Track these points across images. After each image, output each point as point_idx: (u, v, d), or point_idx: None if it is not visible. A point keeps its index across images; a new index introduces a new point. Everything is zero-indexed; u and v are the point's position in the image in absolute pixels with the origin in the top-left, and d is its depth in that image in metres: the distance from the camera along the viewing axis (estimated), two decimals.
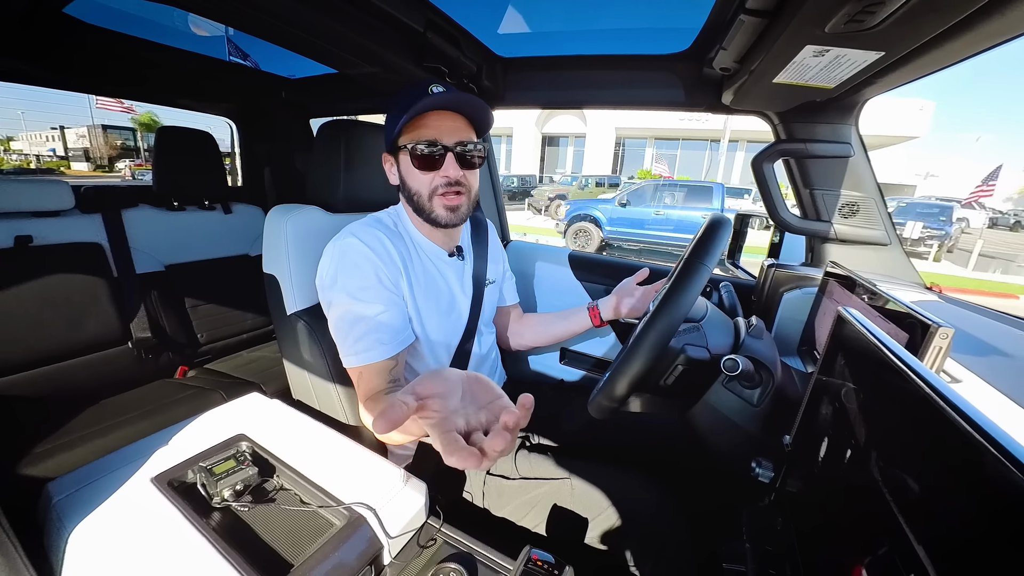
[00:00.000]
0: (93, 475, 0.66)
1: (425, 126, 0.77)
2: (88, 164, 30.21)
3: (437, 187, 0.79)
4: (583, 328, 1.09)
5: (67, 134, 37.78)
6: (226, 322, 1.68)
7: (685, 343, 0.72)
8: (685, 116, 20.22)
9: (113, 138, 35.91)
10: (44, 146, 41.92)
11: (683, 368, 0.72)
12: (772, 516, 0.63)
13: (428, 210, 0.81)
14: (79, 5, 1.07)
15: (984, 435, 0.28)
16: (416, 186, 0.80)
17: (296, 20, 0.89)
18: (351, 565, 0.56)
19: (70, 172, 25.97)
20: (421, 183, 0.80)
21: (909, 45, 0.67)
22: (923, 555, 0.32)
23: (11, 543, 0.46)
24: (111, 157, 33.29)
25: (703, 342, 0.73)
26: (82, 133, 36.39)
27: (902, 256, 1.13)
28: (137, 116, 30.74)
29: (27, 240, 1.23)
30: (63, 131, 37.56)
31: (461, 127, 0.80)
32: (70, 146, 36.90)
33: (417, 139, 0.76)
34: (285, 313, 0.94)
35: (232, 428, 0.76)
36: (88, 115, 32.60)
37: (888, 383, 0.42)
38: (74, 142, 37.04)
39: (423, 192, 0.80)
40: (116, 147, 35.37)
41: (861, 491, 0.44)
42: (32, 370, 1.21)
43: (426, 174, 0.79)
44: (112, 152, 34.75)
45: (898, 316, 0.66)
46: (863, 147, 1.07)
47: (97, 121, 34.30)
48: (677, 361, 0.71)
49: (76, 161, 31.79)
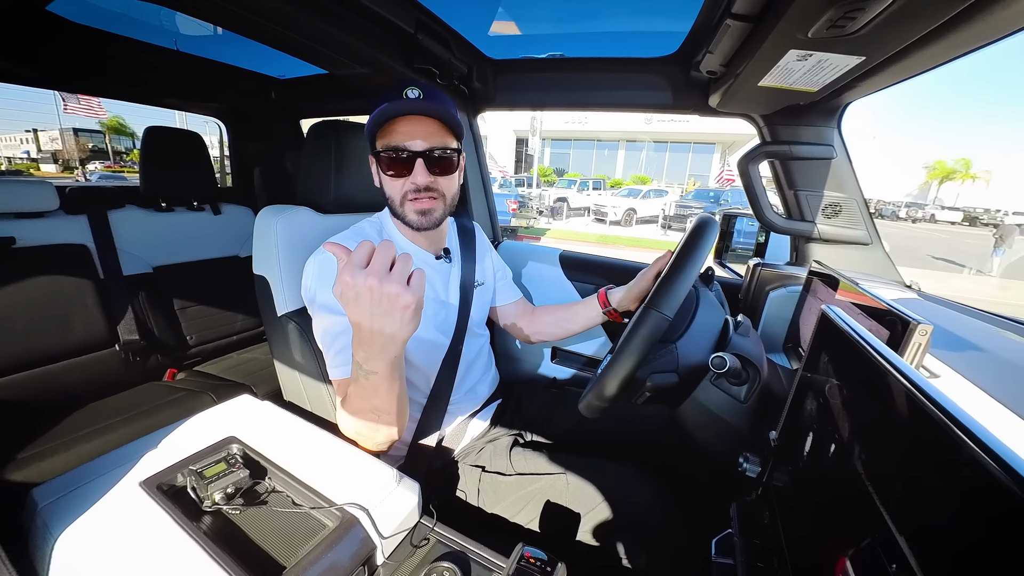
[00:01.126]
0: (80, 480, 0.64)
1: (396, 132, 0.77)
2: (56, 166, 30.84)
3: (407, 192, 0.80)
4: (599, 318, 1.06)
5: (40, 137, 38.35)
6: (216, 324, 1.66)
7: (651, 371, 0.71)
8: (573, 118, 22.72)
9: (84, 141, 36.51)
10: (19, 148, 42.33)
11: (650, 395, 0.72)
12: (760, 509, 0.64)
13: (401, 214, 0.83)
14: (63, 3, 1.06)
15: (961, 427, 0.29)
16: (389, 191, 0.82)
17: (286, 20, 0.88)
18: (344, 566, 0.56)
19: (38, 173, 26.80)
20: (393, 188, 0.81)
21: (890, 50, 0.69)
22: (904, 546, 0.33)
23: None
24: (82, 159, 33.70)
25: (673, 364, 0.72)
26: (54, 136, 36.78)
27: (883, 255, 1.16)
28: (105, 120, 31.73)
29: (10, 241, 1.20)
30: (36, 134, 38.30)
31: (434, 131, 0.79)
32: (43, 148, 37.06)
33: (386, 145, 0.78)
34: (276, 314, 0.94)
35: (223, 430, 0.76)
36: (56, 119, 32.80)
37: (870, 379, 0.43)
38: (46, 144, 37.40)
39: (395, 197, 0.81)
40: (87, 150, 36.15)
41: (845, 484, 0.45)
42: (16, 374, 1.19)
43: (396, 180, 0.80)
44: (82, 154, 35.20)
45: (879, 313, 0.67)
46: (845, 149, 1.10)
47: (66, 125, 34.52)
48: (644, 388, 0.71)
49: (45, 163, 32.15)
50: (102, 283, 1.36)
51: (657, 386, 0.70)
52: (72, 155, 34.55)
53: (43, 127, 37.30)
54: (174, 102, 1.93)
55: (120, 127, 37.75)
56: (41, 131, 37.95)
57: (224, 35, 1.35)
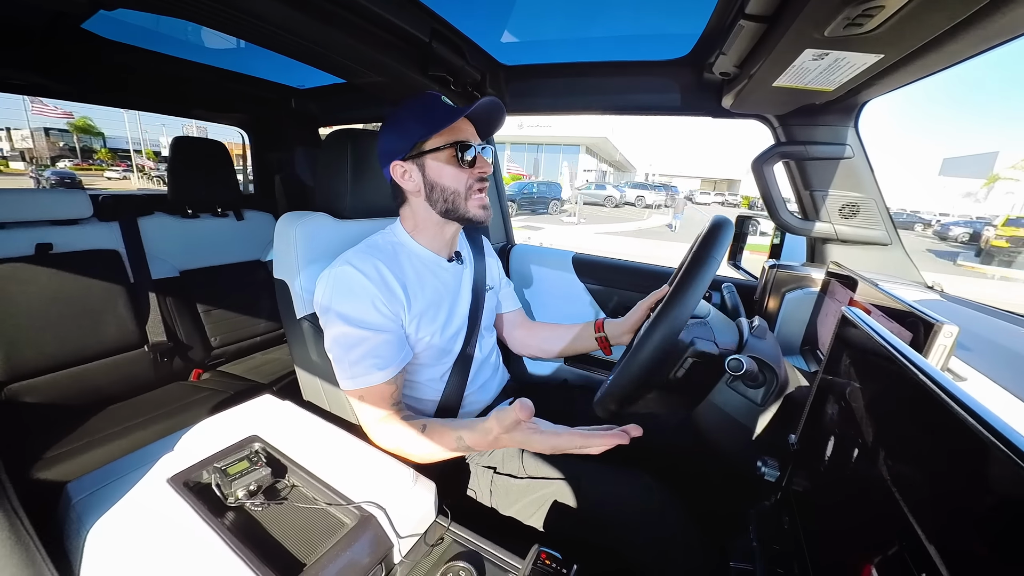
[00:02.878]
0: (111, 476, 0.67)
1: (457, 130, 0.82)
2: (24, 164, 31.34)
3: (472, 184, 0.83)
4: (589, 349, 1.08)
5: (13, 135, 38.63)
6: (239, 326, 1.71)
7: (694, 336, 0.73)
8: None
9: (55, 140, 38.09)
10: None
11: (693, 361, 0.72)
12: (779, 515, 0.63)
13: (464, 210, 0.85)
14: (97, 21, 1.11)
15: (992, 431, 0.28)
16: (453, 184, 0.83)
17: (306, 33, 0.91)
18: (362, 564, 0.57)
19: (7, 170, 28.10)
20: (459, 181, 0.83)
21: (909, 47, 0.67)
22: (935, 554, 0.32)
23: (33, 543, 0.47)
24: (52, 158, 34.90)
25: (711, 336, 0.74)
26: (26, 135, 37.53)
27: (903, 255, 1.13)
28: (73, 120, 33.86)
29: (48, 247, 1.26)
30: (9, 132, 38.51)
31: (475, 133, 0.87)
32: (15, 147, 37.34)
33: (452, 140, 0.82)
34: (295, 317, 0.96)
35: (245, 429, 0.78)
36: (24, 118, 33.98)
37: (894, 381, 0.42)
38: (19, 142, 37.82)
39: (460, 191, 0.83)
40: (57, 148, 37.78)
41: (870, 490, 0.44)
42: (52, 373, 1.24)
43: (462, 173, 0.83)
44: (53, 153, 36.73)
45: (901, 315, 0.66)
46: (863, 148, 1.08)
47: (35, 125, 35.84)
48: (687, 354, 0.72)
49: (14, 161, 32.92)
50: (132, 287, 1.41)
51: (700, 351, 0.71)
52: (42, 153, 35.61)
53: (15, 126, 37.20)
54: (200, 113, 2.00)
55: (88, 127, 38.98)
56: (14, 130, 38.05)
57: (247, 48, 1.40)
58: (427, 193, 0.84)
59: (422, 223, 0.88)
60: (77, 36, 1.18)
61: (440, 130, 0.81)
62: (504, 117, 0.91)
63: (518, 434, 0.64)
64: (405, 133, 0.82)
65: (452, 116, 0.80)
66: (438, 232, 0.89)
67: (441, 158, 0.82)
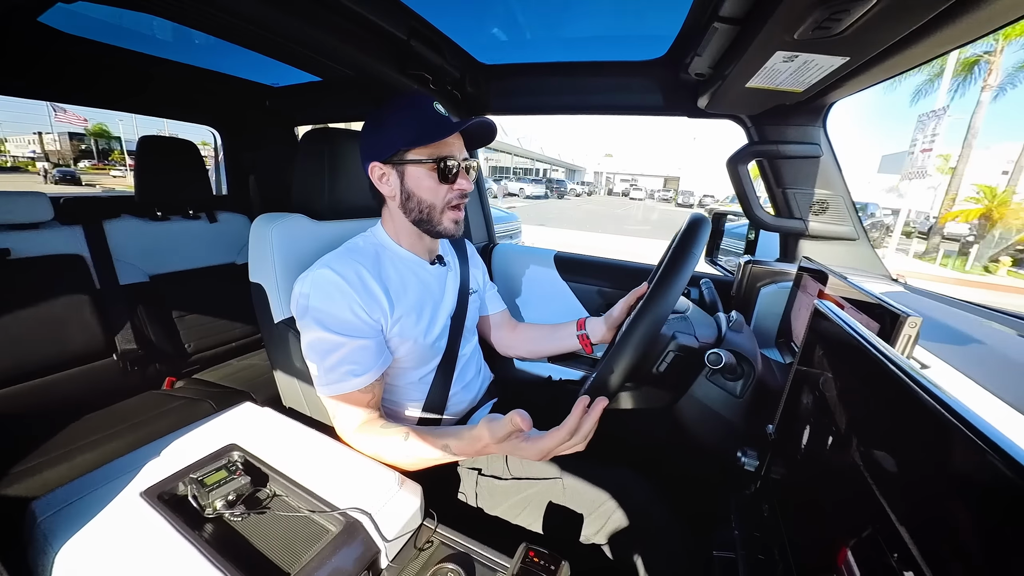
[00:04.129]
0: (79, 492, 0.64)
1: (443, 142, 0.80)
2: (47, 163, 35.08)
3: (450, 200, 0.82)
4: (573, 349, 1.09)
5: (44, 139, 47.58)
6: (214, 331, 1.65)
7: (675, 331, 0.75)
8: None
9: (77, 144, 46.67)
10: (27, 148, 51.31)
11: (675, 354, 0.74)
12: (759, 503, 0.65)
13: (436, 222, 0.83)
14: (55, 14, 1.06)
15: (954, 415, 0.30)
16: (431, 198, 0.81)
17: (279, 29, 0.89)
18: (348, 570, 0.56)
19: (33, 169, 30.86)
20: (437, 196, 0.81)
21: (873, 50, 0.70)
22: (905, 534, 0.33)
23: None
24: (75, 158, 42.74)
25: (691, 330, 0.76)
26: (54, 138, 45.98)
27: (870, 250, 1.18)
28: (89, 127, 40.44)
29: (4, 253, 1.19)
30: (41, 136, 46.91)
31: (462, 144, 0.84)
32: (46, 149, 45.92)
33: (437, 155, 0.79)
34: (272, 321, 0.94)
35: (223, 438, 0.76)
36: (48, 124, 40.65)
37: (863, 370, 0.44)
38: (49, 145, 46.37)
39: (437, 205, 0.82)
40: (79, 150, 46.28)
41: (844, 475, 0.45)
42: (14, 385, 1.18)
43: (442, 187, 0.81)
44: (75, 155, 44.89)
45: (868, 307, 0.69)
46: (831, 147, 1.12)
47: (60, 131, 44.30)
48: (669, 347, 0.73)
49: (40, 161, 36.94)
50: (98, 293, 1.35)
51: (681, 345, 0.73)
52: (66, 155, 43.92)
53: (47, 131, 45.91)
54: (168, 111, 1.93)
55: (103, 132, 47.43)
56: (45, 134, 46.81)
57: (218, 44, 1.35)
58: (402, 200, 0.83)
59: (400, 227, 0.87)
60: (34, 30, 1.12)
61: (428, 144, 0.78)
62: (495, 136, 0.87)
63: (507, 443, 0.64)
64: (388, 137, 0.79)
65: (443, 131, 0.77)
66: (417, 238, 0.88)
67: (422, 170, 0.79)
